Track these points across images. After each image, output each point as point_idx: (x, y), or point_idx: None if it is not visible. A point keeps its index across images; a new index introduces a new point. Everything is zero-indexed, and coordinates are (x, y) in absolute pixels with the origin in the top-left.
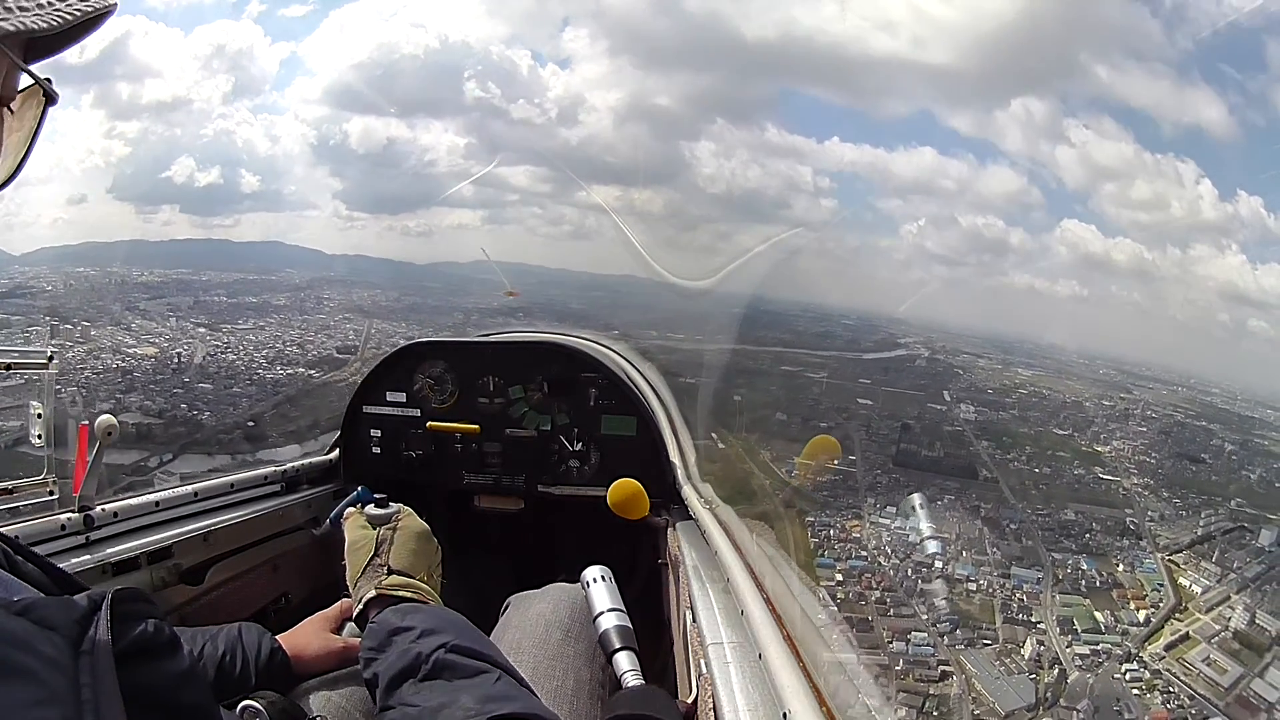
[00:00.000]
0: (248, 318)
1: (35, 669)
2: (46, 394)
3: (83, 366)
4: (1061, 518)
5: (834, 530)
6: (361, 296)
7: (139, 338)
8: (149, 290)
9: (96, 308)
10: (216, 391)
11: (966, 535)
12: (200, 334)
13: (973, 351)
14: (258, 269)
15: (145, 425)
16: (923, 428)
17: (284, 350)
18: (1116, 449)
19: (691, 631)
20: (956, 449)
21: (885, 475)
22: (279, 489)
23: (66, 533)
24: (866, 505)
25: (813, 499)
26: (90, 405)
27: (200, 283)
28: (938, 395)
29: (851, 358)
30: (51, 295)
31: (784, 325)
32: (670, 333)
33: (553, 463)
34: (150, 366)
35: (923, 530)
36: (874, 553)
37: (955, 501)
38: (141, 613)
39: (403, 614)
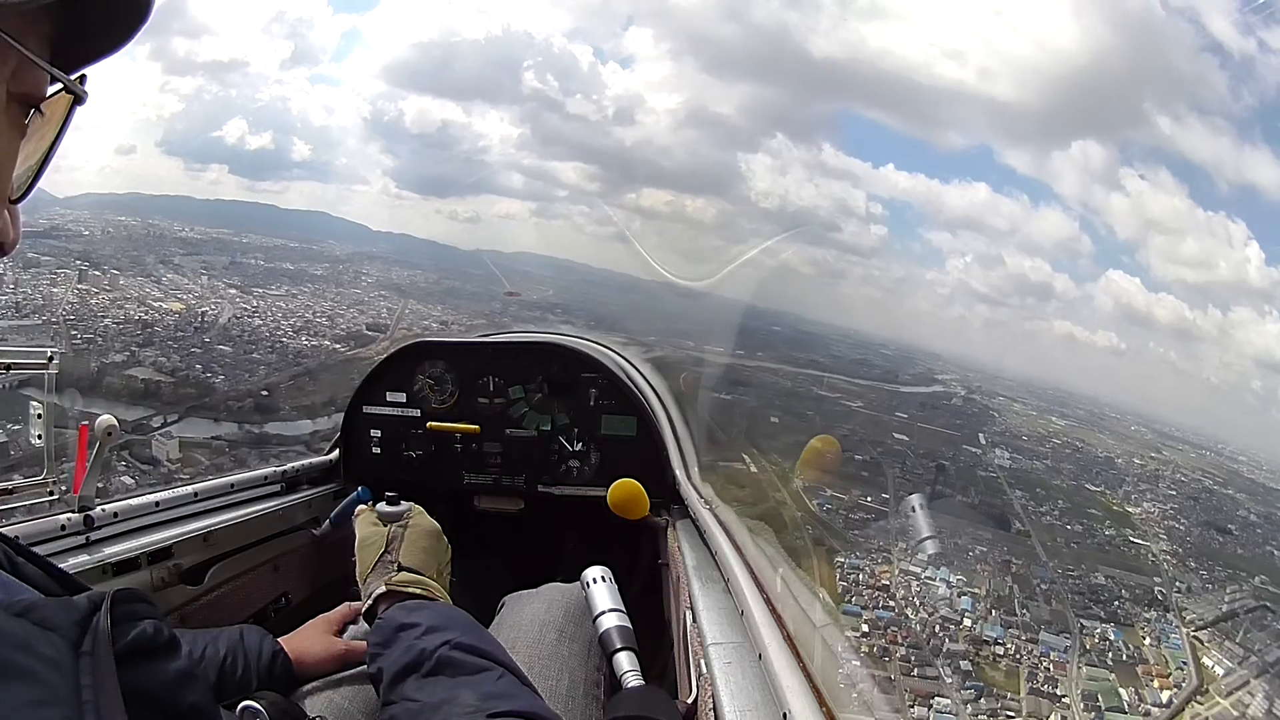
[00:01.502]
0: (281, 284)
1: (36, 670)
2: (47, 394)
3: (104, 315)
4: (1092, 581)
5: (863, 575)
6: (400, 276)
7: (167, 292)
8: (186, 246)
9: (131, 257)
10: (235, 356)
11: (997, 592)
12: (230, 295)
13: (1008, 394)
14: (300, 237)
15: (155, 382)
16: (957, 470)
17: (312, 321)
18: (1147, 511)
19: (691, 632)
20: (991, 497)
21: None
22: (279, 489)
23: (66, 533)
24: (896, 549)
25: (844, 537)
26: (104, 355)
27: (239, 244)
28: (973, 437)
29: (889, 389)
30: (87, 240)
31: (822, 348)
32: (707, 344)
33: (553, 463)
34: (173, 322)
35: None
36: (901, 603)
37: (987, 554)
38: (141, 613)
39: (409, 610)
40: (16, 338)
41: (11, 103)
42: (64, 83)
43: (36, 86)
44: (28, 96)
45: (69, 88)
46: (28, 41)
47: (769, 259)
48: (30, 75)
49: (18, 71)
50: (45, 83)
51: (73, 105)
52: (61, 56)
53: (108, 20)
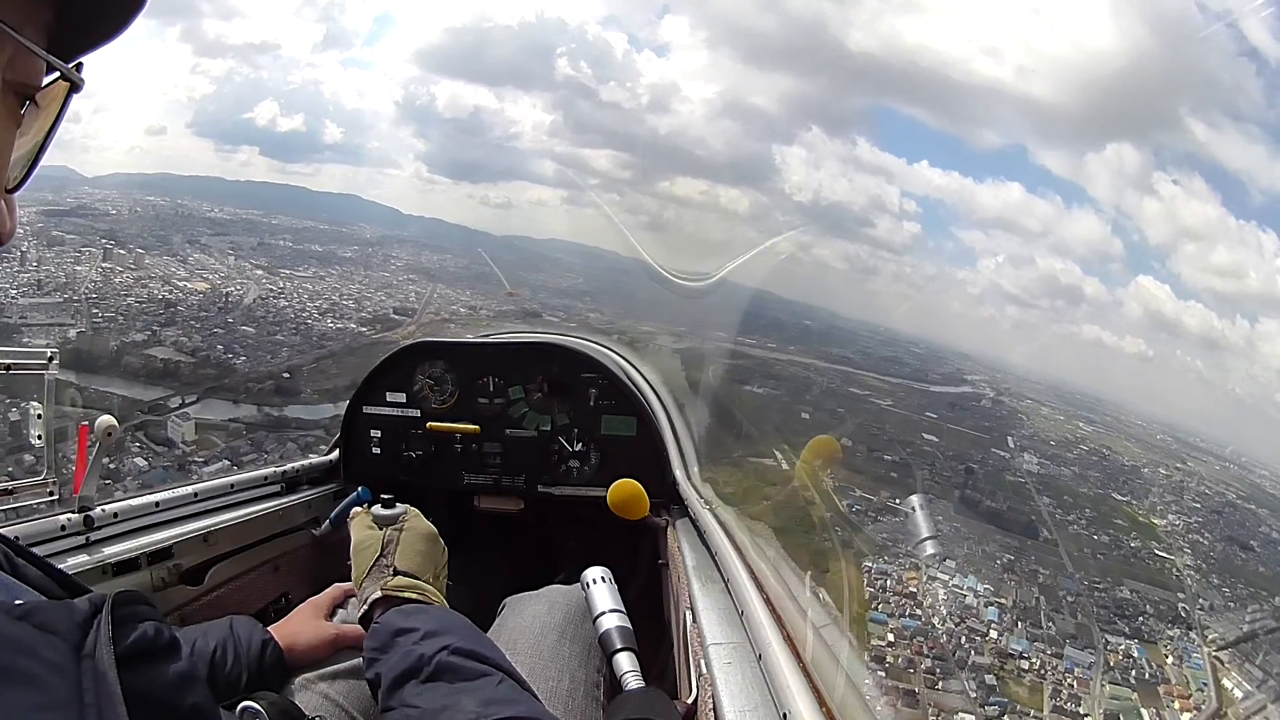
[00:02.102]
0: (309, 266)
1: (38, 674)
2: (47, 394)
3: (127, 293)
4: (1117, 595)
5: (891, 580)
6: (430, 260)
7: (192, 271)
8: (215, 226)
9: (157, 237)
10: (258, 337)
11: (1023, 603)
12: (256, 276)
13: (1036, 398)
14: (330, 219)
15: (174, 362)
16: (985, 474)
17: (339, 303)
18: (1171, 524)
19: (691, 632)
20: (1019, 503)
21: (947, 524)
22: (279, 489)
23: (66, 533)
24: (925, 555)
25: (873, 540)
26: (124, 334)
27: (269, 225)
28: (1002, 440)
29: (919, 388)
30: (114, 219)
31: (854, 344)
32: (742, 336)
33: (553, 463)
34: (197, 302)
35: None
36: (928, 612)
37: (1015, 563)
38: (142, 615)
39: (406, 615)
40: (36, 314)
41: (8, 92)
42: (62, 71)
43: (33, 75)
44: (24, 86)
45: (66, 75)
46: (25, 30)
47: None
48: (27, 64)
49: (14, 60)
50: (42, 72)
51: (69, 93)
52: (58, 45)
53: (104, 8)
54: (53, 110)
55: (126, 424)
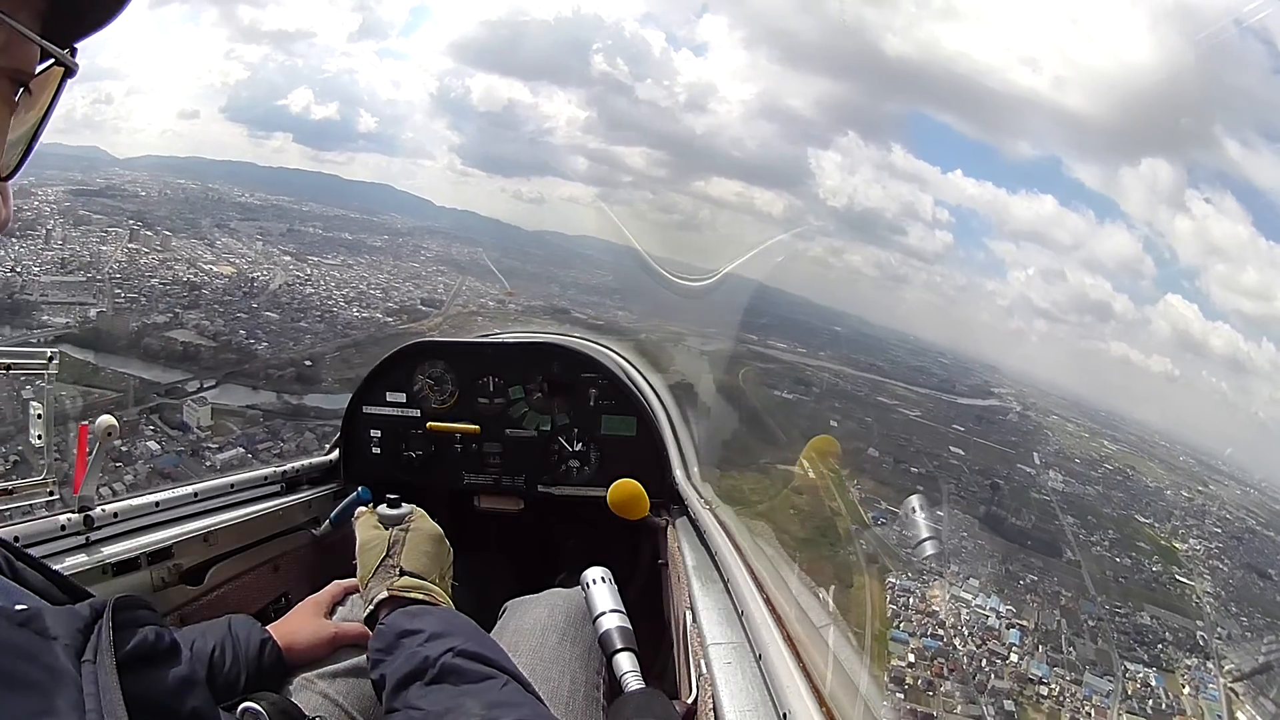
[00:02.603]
0: (338, 254)
1: (39, 680)
2: (46, 394)
3: (152, 275)
4: (1137, 621)
5: (914, 598)
6: (460, 252)
7: (219, 255)
8: (245, 211)
9: (186, 219)
10: (282, 323)
11: (1045, 626)
12: (284, 262)
13: (1062, 414)
14: (362, 208)
15: (195, 346)
16: (1011, 490)
17: (366, 292)
18: (1193, 548)
19: (691, 632)
20: (1044, 522)
21: (971, 540)
22: (279, 489)
23: (66, 533)
24: (949, 573)
25: (897, 554)
26: (146, 315)
27: (299, 212)
28: (1027, 456)
29: (946, 400)
30: (143, 201)
31: (882, 352)
32: (771, 340)
33: (553, 463)
34: (221, 286)
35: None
36: (950, 632)
37: (1038, 583)
38: (143, 620)
39: (411, 616)
40: (57, 293)
41: (1, 77)
42: (56, 55)
43: (27, 61)
44: (18, 72)
45: (61, 60)
46: (19, 15)
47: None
48: (21, 49)
49: (8, 45)
50: (36, 58)
51: (63, 79)
52: (51, 30)
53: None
54: (47, 96)
55: (143, 405)
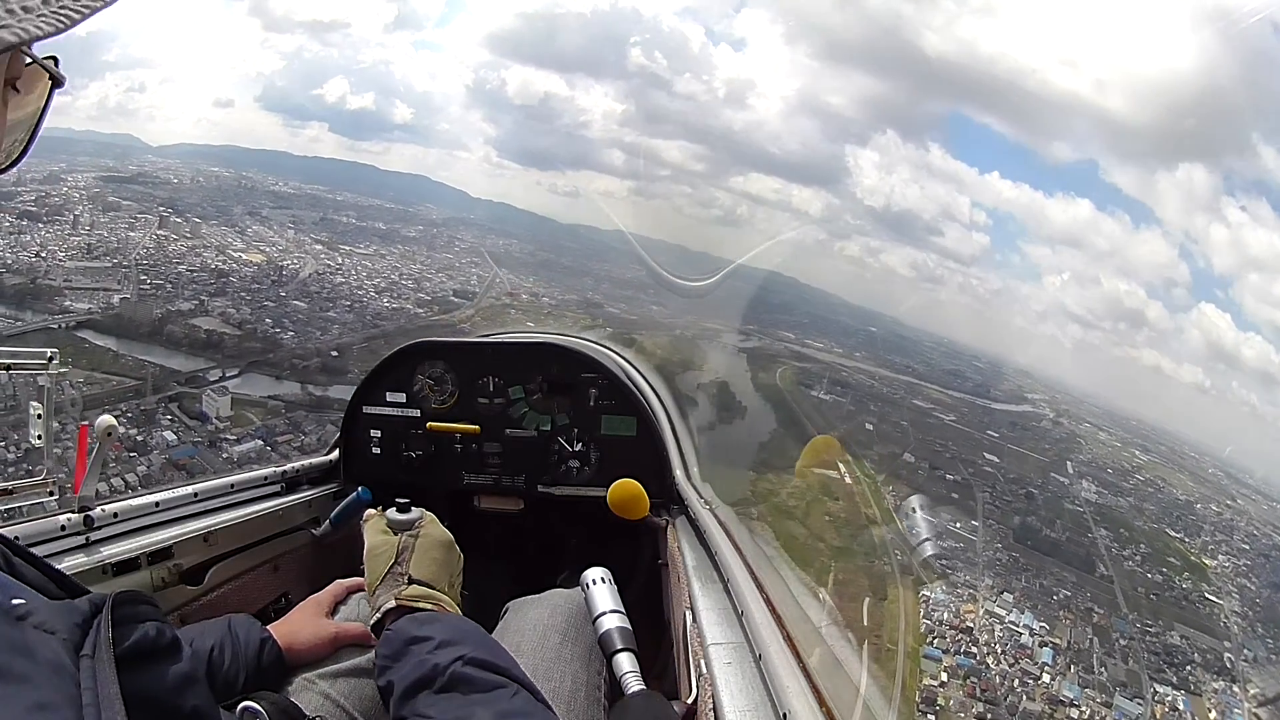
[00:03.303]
0: (371, 243)
1: (33, 675)
2: (47, 394)
3: (180, 261)
4: (1167, 640)
5: (948, 613)
6: (495, 243)
7: (249, 243)
8: (278, 200)
9: (217, 207)
10: (310, 312)
11: (1077, 645)
12: (315, 250)
13: (1094, 421)
14: (397, 199)
15: (219, 334)
16: (1045, 500)
17: (397, 282)
18: (1221, 565)
19: (691, 632)
20: (1077, 534)
21: (1005, 552)
22: (279, 489)
23: (66, 533)
24: (983, 586)
25: (931, 566)
26: (171, 301)
27: (333, 201)
28: (1061, 465)
29: (981, 405)
30: (175, 188)
31: (917, 354)
32: (808, 340)
33: (553, 463)
34: (250, 273)
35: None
36: (983, 650)
37: (1071, 599)
38: (143, 615)
39: (420, 623)
40: (81, 278)
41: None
42: (50, 72)
43: (16, 68)
44: (9, 77)
45: (52, 74)
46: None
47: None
48: (13, 61)
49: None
50: (23, 62)
51: (51, 89)
52: None
53: None
54: (36, 96)
55: (161, 394)
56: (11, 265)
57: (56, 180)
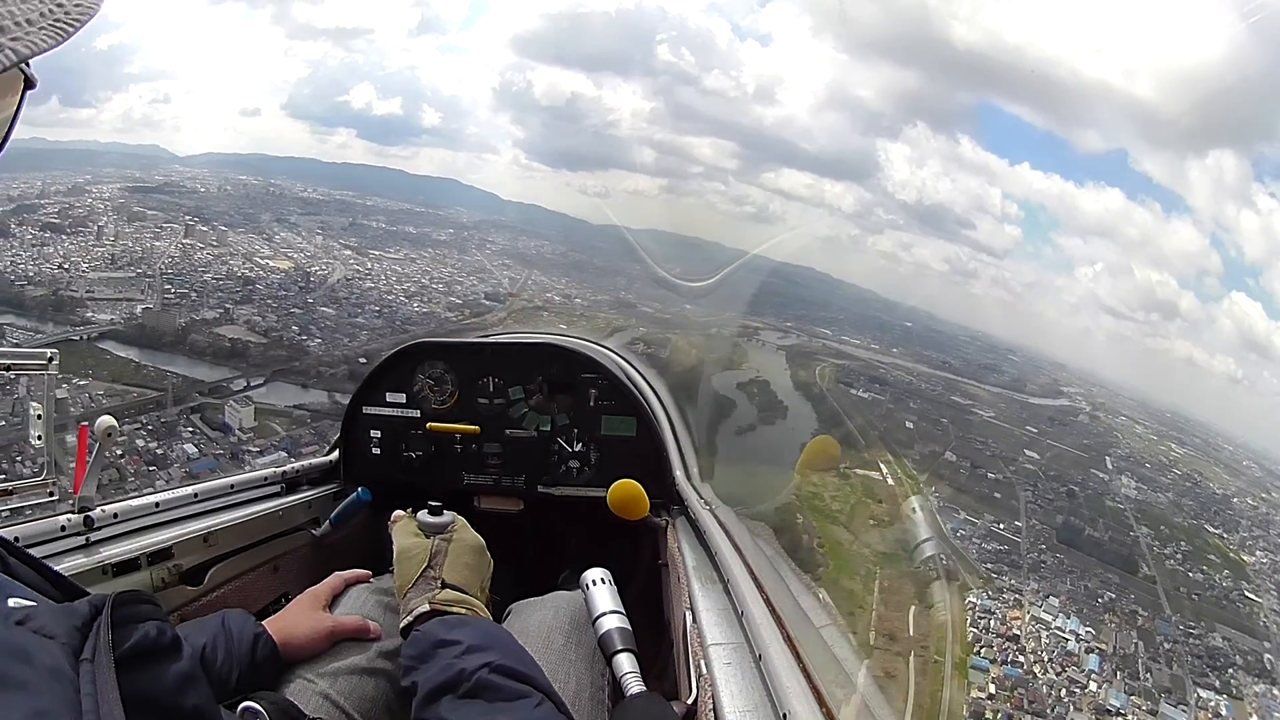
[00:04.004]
0: (401, 247)
1: (32, 681)
2: (46, 394)
3: (205, 270)
4: (1209, 642)
5: (994, 620)
6: (527, 245)
7: (277, 249)
8: (307, 206)
9: (244, 214)
10: (338, 318)
11: (1123, 650)
12: (344, 256)
13: (1130, 415)
14: (427, 202)
15: (244, 342)
16: (1086, 498)
17: (428, 286)
18: (1259, 561)
19: (691, 632)
20: (1119, 533)
21: (1050, 554)
22: (279, 490)
23: (66, 534)
24: (1028, 590)
25: (976, 570)
26: (196, 310)
27: (363, 206)
28: (1100, 460)
29: (1018, 400)
30: (201, 196)
31: (953, 349)
32: (845, 336)
33: (553, 463)
34: (277, 280)
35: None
36: (1030, 658)
37: (1116, 601)
38: (144, 615)
39: (450, 626)
40: (104, 289)
41: None
42: (26, 75)
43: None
44: None
45: (27, 76)
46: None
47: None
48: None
49: None
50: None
51: (24, 92)
52: None
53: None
54: (12, 97)
55: (183, 405)
56: (34, 278)
57: (80, 192)
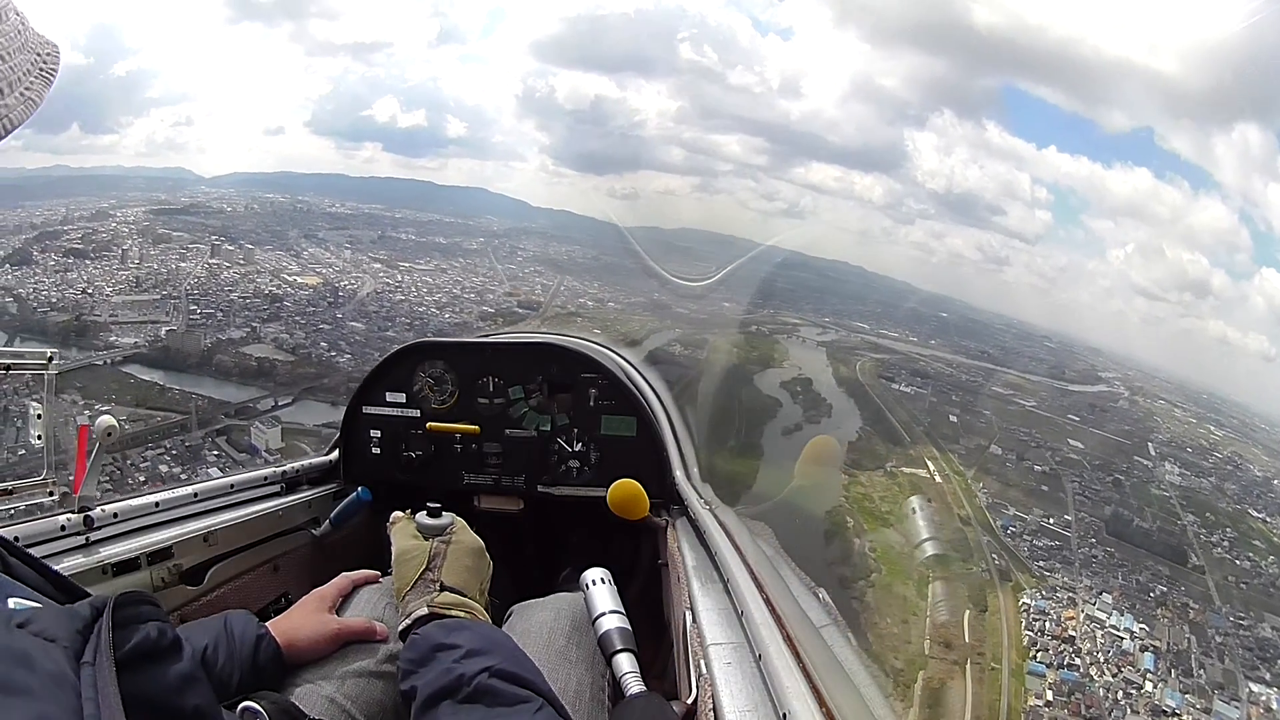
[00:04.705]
0: (431, 258)
1: (33, 687)
2: (46, 394)
3: (232, 289)
4: (1259, 634)
5: (1049, 621)
6: (558, 251)
7: (305, 265)
8: (335, 221)
9: (272, 232)
10: (368, 333)
11: (1176, 646)
12: (374, 269)
13: (1168, 398)
14: (457, 212)
15: (270, 361)
16: (1132, 486)
17: (460, 296)
18: None
19: (691, 632)
20: (1167, 522)
21: (1100, 547)
22: (279, 489)
23: (66, 533)
24: (1081, 588)
25: (1029, 569)
26: (222, 330)
27: (391, 219)
28: (1142, 447)
29: (1058, 387)
30: (228, 216)
31: (990, 338)
32: (883, 329)
33: (553, 463)
34: (305, 296)
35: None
36: (1086, 660)
37: (1167, 595)
38: (145, 616)
39: (449, 630)
40: (127, 312)
41: None
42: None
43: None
44: None
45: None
46: None
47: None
48: None
49: None
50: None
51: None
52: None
53: None
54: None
55: (208, 428)
56: (57, 303)
57: (104, 216)
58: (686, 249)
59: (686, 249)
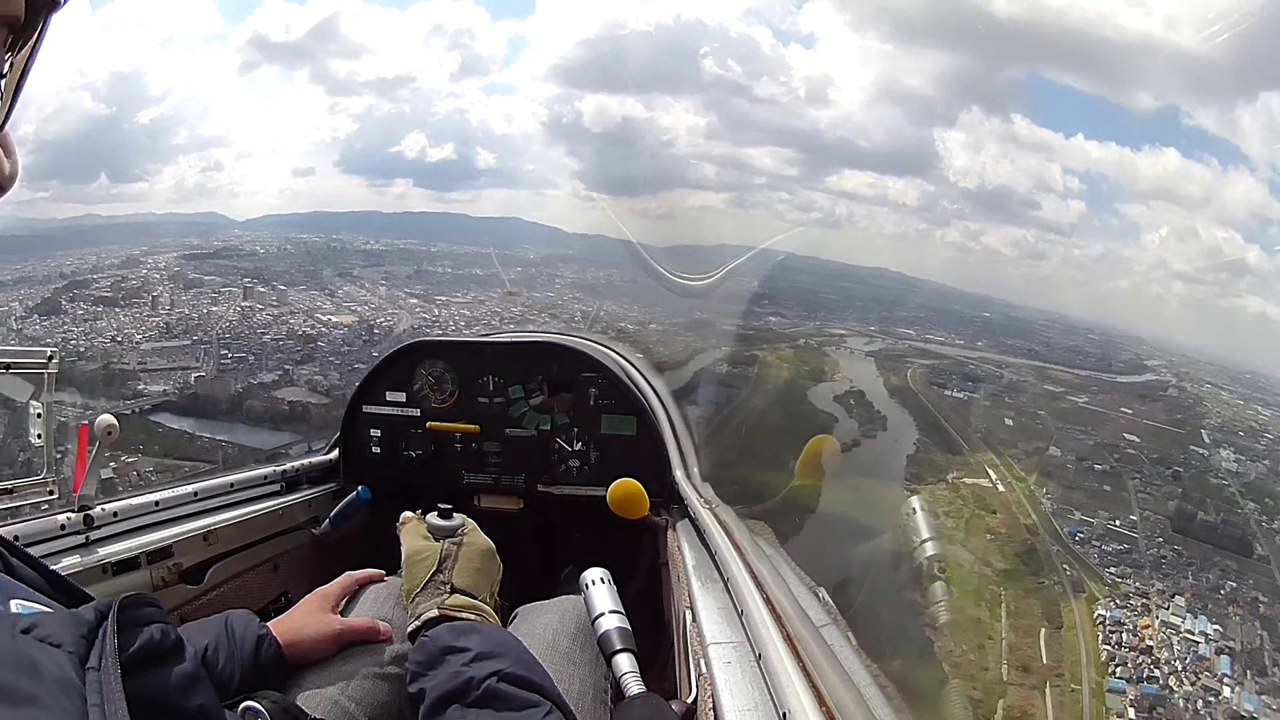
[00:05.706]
0: (469, 290)
1: (40, 695)
2: (47, 394)
3: (265, 331)
4: None
5: (1125, 633)
6: (596, 276)
7: (340, 304)
8: (369, 258)
9: (305, 272)
10: None
11: (1249, 645)
12: (410, 305)
13: (1214, 382)
14: (493, 243)
15: (303, 404)
16: (1191, 478)
17: (500, 328)
18: None
19: (691, 631)
20: (1229, 513)
21: (1168, 546)
22: (279, 489)
23: (66, 532)
24: (1154, 592)
25: (1100, 577)
26: (254, 374)
27: (427, 253)
28: (1196, 435)
29: (1107, 380)
30: (260, 258)
31: (1034, 334)
32: (929, 334)
33: (553, 462)
34: (340, 336)
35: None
36: (1165, 670)
37: (1237, 590)
38: (148, 618)
39: (459, 633)
40: (157, 360)
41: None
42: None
43: (14, 6)
44: (9, 18)
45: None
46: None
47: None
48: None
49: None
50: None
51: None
52: None
53: None
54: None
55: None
56: (85, 353)
57: (135, 264)
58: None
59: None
